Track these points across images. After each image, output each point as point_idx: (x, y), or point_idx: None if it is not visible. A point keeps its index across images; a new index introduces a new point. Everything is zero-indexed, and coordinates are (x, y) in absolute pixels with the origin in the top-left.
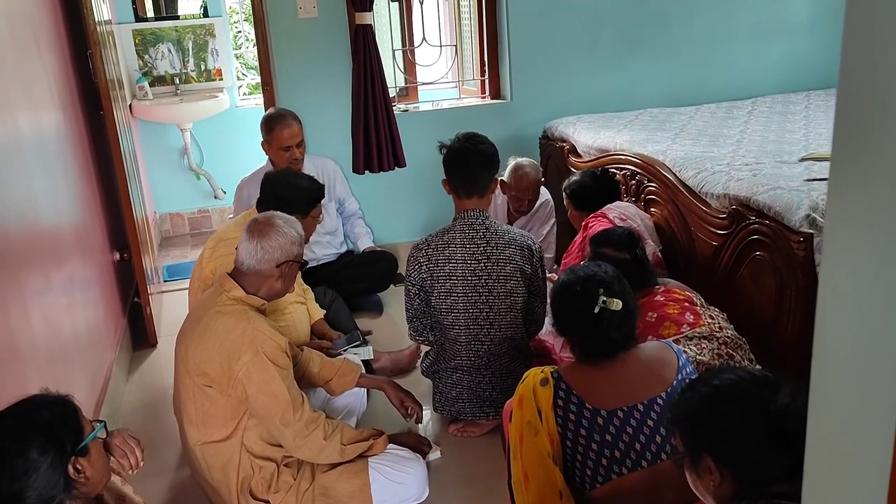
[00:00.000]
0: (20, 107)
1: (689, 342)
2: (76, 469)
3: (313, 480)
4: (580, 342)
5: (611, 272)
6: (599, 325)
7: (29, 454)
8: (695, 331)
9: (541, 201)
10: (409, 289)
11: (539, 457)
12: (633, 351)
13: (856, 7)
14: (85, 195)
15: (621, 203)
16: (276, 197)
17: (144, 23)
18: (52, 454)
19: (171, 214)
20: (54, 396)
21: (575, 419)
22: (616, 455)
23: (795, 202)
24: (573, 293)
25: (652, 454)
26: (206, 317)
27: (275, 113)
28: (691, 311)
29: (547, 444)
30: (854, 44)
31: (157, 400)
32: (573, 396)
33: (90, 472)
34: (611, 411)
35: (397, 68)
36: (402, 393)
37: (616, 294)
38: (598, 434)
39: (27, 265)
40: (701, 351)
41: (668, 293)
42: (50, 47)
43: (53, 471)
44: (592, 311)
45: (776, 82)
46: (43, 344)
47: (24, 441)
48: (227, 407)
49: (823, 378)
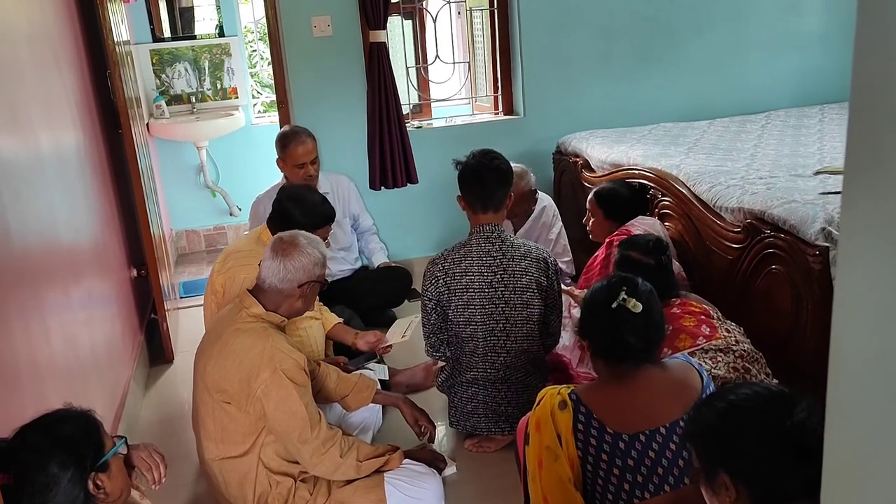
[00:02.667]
0: (41, 126)
1: (704, 355)
2: (96, 485)
3: (329, 496)
4: (596, 343)
5: (646, 286)
6: (614, 320)
7: (49, 469)
8: (711, 343)
9: (541, 206)
10: (425, 304)
11: (560, 482)
12: (655, 370)
13: (867, 19)
14: (103, 212)
15: (646, 219)
16: (284, 213)
17: (162, 43)
18: (72, 469)
19: (187, 231)
20: (77, 411)
21: (596, 444)
22: (638, 479)
23: (811, 215)
24: (599, 288)
25: (675, 478)
26: (226, 334)
27: (289, 130)
28: (707, 323)
29: (567, 470)
30: (865, 56)
31: (173, 415)
32: (594, 420)
33: (110, 488)
34: (633, 435)
35: (411, 85)
36: (416, 411)
37: (640, 297)
38: (619, 459)
39: (47, 281)
40: (717, 364)
41: (684, 305)
42: (70, 67)
43: (73, 486)
44: (610, 305)
45: (790, 96)
46: (62, 359)
47: (45, 456)
48: (246, 423)
49: (840, 391)
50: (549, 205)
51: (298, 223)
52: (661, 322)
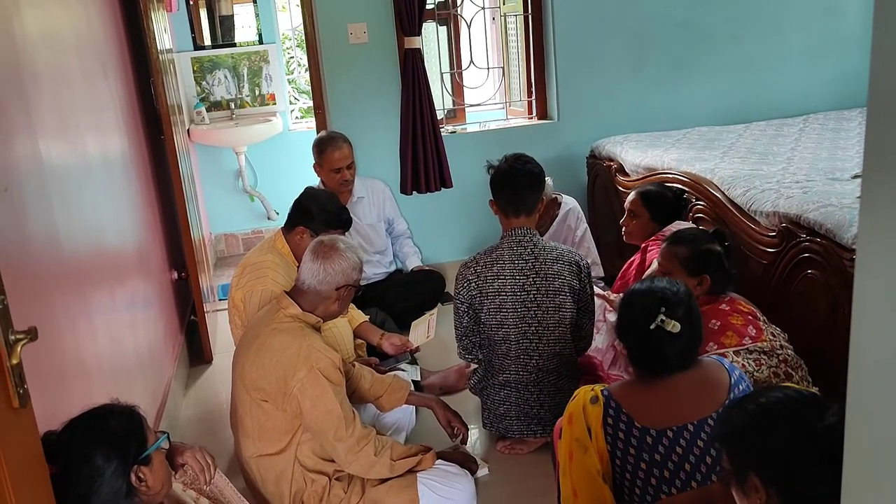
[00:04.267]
0: (89, 132)
1: (749, 355)
2: (138, 477)
3: (363, 494)
4: (632, 352)
5: (682, 292)
6: (651, 342)
7: (94, 461)
8: (756, 345)
9: (565, 209)
10: (458, 307)
11: (588, 474)
12: (686, 370)
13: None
14: (146, 216)
15: (682, 224)
16: (299, 207)
17: (202, 51)
18: (115, 462)
19: (226, 235)
20: (122, 407)
21: (624, 438)
22: (665, 475)
23: (847, 219)
24: (635, 300)
25: (702, 475)
26: (263, 334)
27: (326, 136)
28: (754, 325)
29: (596, 462)
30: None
31: (212, 414)
32: (622, 415)
33: (151, 481)
34: (660, 431)
35: (445, 91)
36: (449, 413)
37: (678, 317)
38: (646, 453)
39: (93, 284)
40: (759, 367)
41: (732, 303)
42: (116, 75)
43: (116, 477)
44: (648, 326)
45: (829, 99)
46: (107, 359)
47: (90, 448)
48: (282, 421)
49: (859, 394)
50: (574, 207)
51: (313, 218)
52: (699, 332)
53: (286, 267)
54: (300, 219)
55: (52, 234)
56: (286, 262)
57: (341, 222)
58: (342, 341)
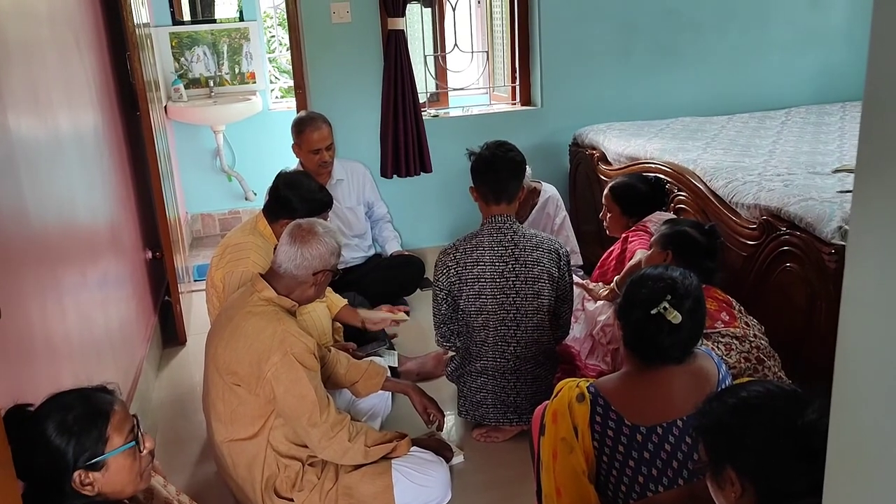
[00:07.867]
0: (61, 107)
1: (720, 338)
2: (81, 481)
3: (337, 480)
4: (628, 337)
5: (693, 285)
6: (649, 328)
7: (36, 458)
8: (728, 329)
9: (545, 197)
10: (436, 293)
11: (574, 474)
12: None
13: (883, 16)
14: (120, 194)
15: (664, 214)
16: (281, 199)
17: (181, 26)
18: (56, 459)
19: (203, 215)
20: (95, 399)
21: (613, 436)
22: (653, 473)
23: (828, 213)
24: (644, 281)
25: (689, 472)
26: (237, 317)
27: (305, 116)
28: (728, 311)
29: (582, 462)
30: (881, 55)
31: (185, 396)
32: (612, 412)
33: (101, 485)
34: (650, 427)
35: (429, 74)
36: (425, 399)
37: (683, 309)
38: (636, 451)
39: (64, 261)
40: (729, 352)
41: (708, 290)
42: (90, 49)
43: (55, 476)
44: (650, 311)
45: (811, 93)
46: (77, 339)
47: (38, 442)
48: (255, 406)
49: (845, 388)
50: (553, 195)
51: (296, 209)
52: (701, 329)
53: (267, 249)
54: (284, 211)
55: (20, 209)
56: (267, 244)
57: (324, 205)
58: (319, 325)
